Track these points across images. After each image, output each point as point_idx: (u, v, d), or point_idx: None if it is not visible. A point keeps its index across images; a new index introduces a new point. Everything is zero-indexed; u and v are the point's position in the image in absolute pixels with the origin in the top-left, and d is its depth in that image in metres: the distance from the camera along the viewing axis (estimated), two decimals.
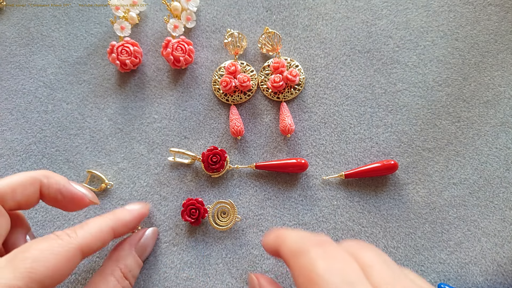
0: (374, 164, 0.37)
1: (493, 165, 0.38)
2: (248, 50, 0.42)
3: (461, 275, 0.36)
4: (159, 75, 0.42)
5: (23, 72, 0.43)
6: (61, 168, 0.41)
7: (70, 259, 0.26)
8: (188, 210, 0.37)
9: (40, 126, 0.42)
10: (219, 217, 0.38)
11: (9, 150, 0.41)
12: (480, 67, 0.39)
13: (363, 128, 0.39)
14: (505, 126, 0.38)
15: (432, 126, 0.39)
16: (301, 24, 0.42)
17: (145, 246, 0.36)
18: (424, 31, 0.40)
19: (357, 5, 0.41)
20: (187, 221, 0.37)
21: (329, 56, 0.41)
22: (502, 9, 0.40)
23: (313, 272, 0.19)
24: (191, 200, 0.38)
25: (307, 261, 0.20)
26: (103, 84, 0.42)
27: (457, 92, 0.39)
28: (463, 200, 0.37)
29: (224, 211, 0.38)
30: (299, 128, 0.40)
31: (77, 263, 0.26)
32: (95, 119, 0.42)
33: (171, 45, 0.40)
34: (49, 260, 0.24)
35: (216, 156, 0.38)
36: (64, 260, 0.25)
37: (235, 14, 0.42)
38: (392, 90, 0.40)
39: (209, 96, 0.41)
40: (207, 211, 0.38)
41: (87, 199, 0.32)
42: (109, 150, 0.41)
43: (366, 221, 0.37)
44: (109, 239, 0.30)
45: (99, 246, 0.28)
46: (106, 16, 0.44)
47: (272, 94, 0.40)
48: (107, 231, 0.29)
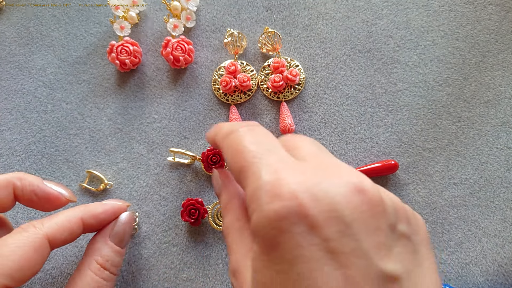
0: (374, 164, 0.37)
1: (493, 165, 0.38)
2: (248, 50, 0.42)
3: (462, 275, 0.36)
4: (159, 75, 0.42)
5: (23, 72, 0.43)
6: (60, 168, 0.41)
7: (38, 250, 0.26)
8: (188, 210, 0.37)
9: (40, 126, 0.42)
10: (219, 217, 0.38)
11: (8, 150, 0.41)
12: (480, 67, 0.39)
13: (364, 128, 0.39)
14: (506, 126, 0.38)
15: (433, 126, 0.39)
16: (301, 24, 0.42)
17: (121, 233, 0.34)
18: (424, 30, 0.40)
19: (358, 5, 0.41)
20: (187, 221, 0.37)
21: (329, 56, 0.41)
22: (503, 9, 0.40)
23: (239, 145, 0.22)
24: (190, 201, 0.37)
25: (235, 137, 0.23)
26: (102, 84, 0.42)
27: (457, 92, 0.39)
28: (463, 200, 0.37)
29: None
30: (299, 128, 0.40)
31: (46, 254, 0.27)
32: (95, 119, 0.41)
33: (171, 45, 0.40)
34: (16, 253, 0.25)
35: (216, 156, 0.38)
36: (31, 251, 0.26)
37: (235, 13, 0.42)
38: (392, 90, 0.40)
39: (209, 96, 0.41)
40: (207, 211, 0.38)
41: (64, 198, 0.32)
42: (109, 150, 0.41)
43: None
44: (78, 231, 0.30)
45: (68, 237, 0.29)
46: (105, 16, 0.44)
47: (272, 94, 0.40)
48: (76, 222, 0.30)
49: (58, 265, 0.39)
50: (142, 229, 0.39)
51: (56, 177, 0.40)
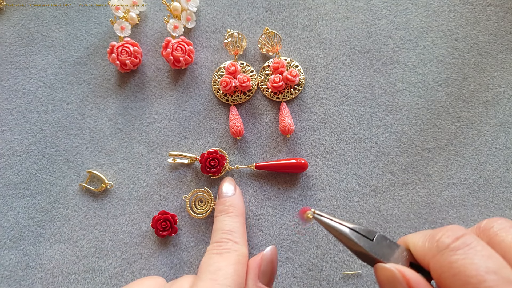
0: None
1: (492, 165, 0.38)
2: (248, 50, 0.42)
3: None
4: (159, 75, 0.42)
5: (23, 72, 0.43)
6: (61, 168, 0.41)
7: None
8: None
9: (40, 126, 0.42)
10: (197, 206, 0.38)
11: (9, 150, 0.41)
12: (479, 67, 0.39)
13: (363, 128, 0.39)
14: (505, 126, 0.38)
15: (432, 126, 0.39)
16: (301, 25, 0.42)
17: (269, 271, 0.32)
18: (423, 31, 0.41)
19: (357, 5, 0.42)
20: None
21: (329, 56, 0.41)
22: (502, 10, 0.40)
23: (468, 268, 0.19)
24: (165, 214, 0.38)
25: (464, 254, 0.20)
26: (103, 84, 0.42)
27: (456, 92, 0.39)
28: (462, 200, 0.37)
29: (201, 199, 0.38)
30: (299, 128, 0.40)
31: None
32: (95, 119, 0.42)
33: (171, 45, 0.40)
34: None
35: (214, 160, 0.38)
36: None
37: (235, 14, 0.43)
38: (391, 90, 0.40)
39: (209, 96, 0.41)
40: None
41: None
42: (109, 150, 0.41)
43: (366, 221, 0.37)
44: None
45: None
46: (106, 16, 0.44)
47: (272, 94, 0.40)
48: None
49: (59, 265, 0.39)
50: (142, 229, 0.39)
51: (56, 177, 0.41)
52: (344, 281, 0.36)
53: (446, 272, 0.20)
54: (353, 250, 0.24)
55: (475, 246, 0.20)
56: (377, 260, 0.23)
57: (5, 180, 0.41)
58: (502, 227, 0.22)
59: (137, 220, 0.39)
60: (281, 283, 0.37)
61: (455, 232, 0.21)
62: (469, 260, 0.19)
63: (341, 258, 0.37)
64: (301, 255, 0.37)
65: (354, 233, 0.24)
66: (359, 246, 0.24)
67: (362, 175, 0.38)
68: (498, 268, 0.19)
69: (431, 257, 0.21)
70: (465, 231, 0.21)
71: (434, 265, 0.21)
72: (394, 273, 0.22)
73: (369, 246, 0.24)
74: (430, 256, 0.22)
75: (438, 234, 0.22)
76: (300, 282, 0.37)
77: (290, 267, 0.37)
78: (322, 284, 0.36)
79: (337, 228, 0.25)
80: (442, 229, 0.22)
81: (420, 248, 0.23)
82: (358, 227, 0.24)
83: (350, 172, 0.39)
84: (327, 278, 0.37)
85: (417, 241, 0.23)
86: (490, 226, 0.22)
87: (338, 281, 0.36)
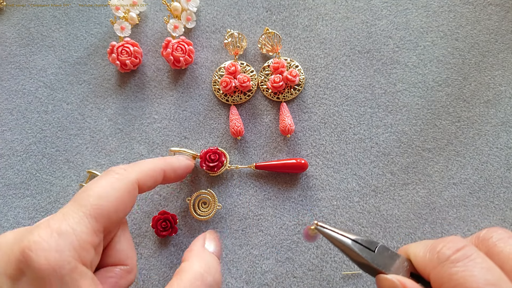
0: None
1: (493, 165, 0.38)
2: (248, 51, 0.42)
3: None
4: (159, 75, 0.42)
5: (23, 72, 0.43)
6: (61, 168, 0.41)
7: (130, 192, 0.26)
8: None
9: (40, 126, 0.42)
10: (200, 208, 0.38)
11: (9, 150, 0.41)
12: (480, 66, 0.39)
13: (363, 128, 0.39)
14: (506, 125, 0.38)
15: (432, 126, 0.39)
16: (301, 25, 0.42)
17: (214, 238, 0.30)
18: (424, 31, 0.40)
19: (357, 6, 0.41)
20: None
21: (329, 57, 0.41)
22: (502, 9, 0.40)
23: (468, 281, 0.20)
24: (165, 214, 0.38)
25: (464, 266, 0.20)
26: (103, 84, 0.42)
27: (457, 92, 0.39)
28: (463, 200, 0.37)
29: (205, 201, 0.38)
30: (299, 128, 0.40)
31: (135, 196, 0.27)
32: (95, 119, 0.42)
33: (171, 46, 0.40)
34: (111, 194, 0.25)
35: (215, 155, 0.38)
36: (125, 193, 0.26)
37: (235, 14, 0.42)
38: (392, 90, 0.40)
39: (209, 97, 0.41)
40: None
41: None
42: (109, 150, 0.41)
43: (366, 221, 0.37)
44: (159, 181, 0.31)
45: (151, 185, 0.30)
46: (106, 16, 0.44)
47: (272, 94, 0.40)
48: (159, 172, 0.31)
49: None
50: (142, 229, 0.39)
51: (56, 177, 0.41)
52: (344, 281, 0.36)
53: (446, 284, 0.20)
54: (355, 261, 0.25)
55: (475, 258, 0.20)
56: (379, 271, 0.24)
57: (5, 180, 0.41)
58: (501, 238, 0.22)
59: (137, 220, 0.39)
60: (281, 283, 0.37)
61: (455, 243, 0.22)
62: (469, 272, 0.20)
63: (341, 258, 0.37)
64: (301, 255, 0.37)
65: (357, 244, 0.25)
66: (361, 257, 0.24)
67: (362, 175, 0.38)
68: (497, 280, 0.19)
69: (432, 268, 0.22)
70: (466, 243, 0.22)
71: (435, 276, 0.22)
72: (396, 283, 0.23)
73: (371, 257, 0.24)
74: (430, 267, 0.22)
75: (439, 245, 0.22)
76: (300, 282, 0.37)
77: (290, 267, 0.37)
78: (322, 284, 0.36)
79: (340, 239, 0.25)
80: (443, 240, 0.23)
81: (421, 259, 0.23)
82: (360, 238, 0.25)
83: (350, 172, 0.38)
84: (327, 278, 0.36)
85: (418, 252, 0.24)
86: (489, 236, 0.23)
87: (338, 281, 0.36)
